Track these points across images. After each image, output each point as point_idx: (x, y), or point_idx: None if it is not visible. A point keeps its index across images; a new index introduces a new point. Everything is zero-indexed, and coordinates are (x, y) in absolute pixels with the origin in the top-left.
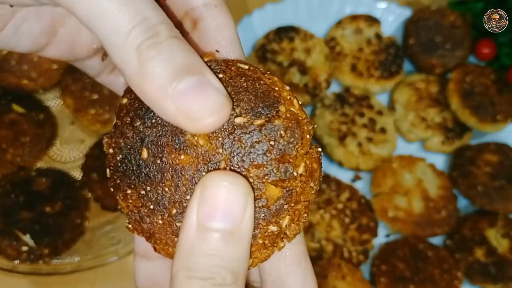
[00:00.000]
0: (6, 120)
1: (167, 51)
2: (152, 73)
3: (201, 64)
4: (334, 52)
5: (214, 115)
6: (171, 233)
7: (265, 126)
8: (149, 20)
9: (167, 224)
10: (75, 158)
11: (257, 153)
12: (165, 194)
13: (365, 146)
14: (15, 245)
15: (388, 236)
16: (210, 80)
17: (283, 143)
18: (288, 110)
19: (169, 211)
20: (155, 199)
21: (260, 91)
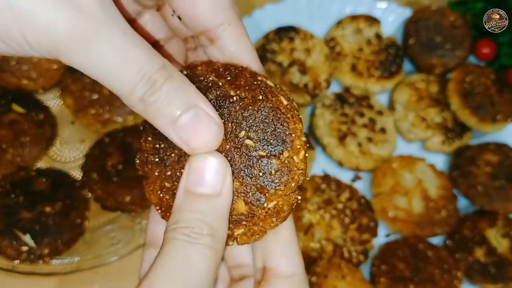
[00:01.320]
0: (6, 120)
1: (164, 95)
2: (155, 115)
3: (195, 97)
4: (334, 52)
5: (208, 147)
6: (158, 187)
7: (263, 159)
8: (148, 72)
9: (159, 179)
10: (75, 158)
11: (246, 173)
12: (170, 157)
13: (365, 146)
14: (15, 245)
15: (388, 236)
16: (203, 110)
17: (269, 179)
18: (291, 157)
19: (165, 171)
20: (162, 155)
21: (279, 128)
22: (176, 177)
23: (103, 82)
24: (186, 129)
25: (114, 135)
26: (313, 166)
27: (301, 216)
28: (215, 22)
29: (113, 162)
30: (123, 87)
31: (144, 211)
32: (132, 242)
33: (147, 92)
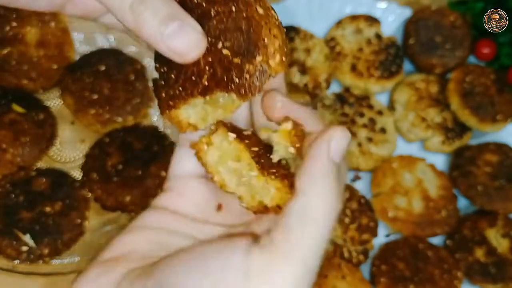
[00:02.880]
0: (6, 120)
1: (152, 5)
2: (144, 24)
3: (178, 10)
4: (334, 52)
5: (194, 51)
6: (166, 105)
7: (239, 66)
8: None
9: (166, 99)
10: (75, 158)
11: (228, 83)
12: (170, 79)
13: (365, 146)
14: (15, 245)
15: (388, 236)
16: (188, 22)
17: (245, 85)
18: (265, 62)
19: (168, 91)
20: (165, 78)
21: (251, 35)
22: (176, 95)
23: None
24: (172, 37)
25: (114, 135)
26: None
27: None
28: None
29: (113, 162)
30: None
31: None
32: None
33: (136, 2)
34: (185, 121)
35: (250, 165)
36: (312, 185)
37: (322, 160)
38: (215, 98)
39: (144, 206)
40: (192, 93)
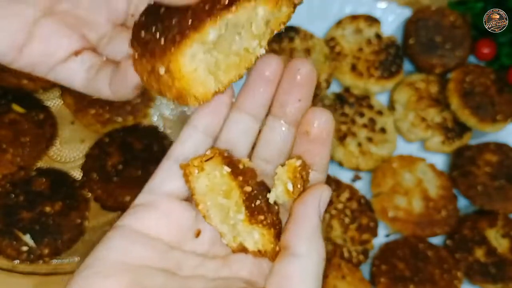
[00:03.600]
0: (6, 120)
1: None
2: None
3: None
4: (334, 52)
5: None
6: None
7: None
8: None
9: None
10: (75, 158)
11: None
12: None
13: (365, 146)
14: (15, 245)
15: (388, 236)
16: None
17: None
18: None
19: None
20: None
21: None
22: (177, 33)
23: None
24: None
25: (114, 135)
26: None
27: None
28: None
29: (113, 162)
30: None
31: None
32: None
33: None
34: (191, 80)
35: (239, 206)
36: (306, 246)
37: (313, 220)
38: (235, 23)
39: None
40: (204, 18)
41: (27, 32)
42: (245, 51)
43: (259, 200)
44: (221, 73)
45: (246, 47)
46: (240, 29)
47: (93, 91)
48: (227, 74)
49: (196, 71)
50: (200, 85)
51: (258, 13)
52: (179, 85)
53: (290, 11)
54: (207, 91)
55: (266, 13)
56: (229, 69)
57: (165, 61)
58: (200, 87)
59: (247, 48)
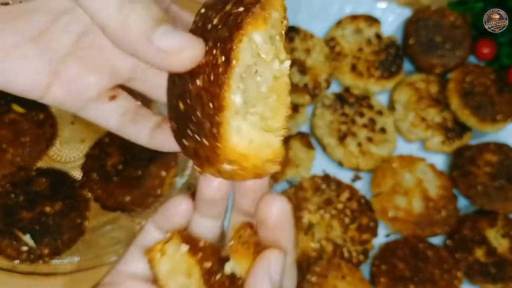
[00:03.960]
0: (6, 120)
1: (143, 5)
2: (133, 23)
3: (164, 16)
4: (334, 52)
5: (188, 50)
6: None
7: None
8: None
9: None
10: (75, 158)
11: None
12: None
13: (365, 146)
14: (15, 245)
15: (388, 236)
16: (176, 27)
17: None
18: None
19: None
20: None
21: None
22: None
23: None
24: (163, 36)
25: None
26: (313, 166)
27: (301, 216)
28: None
29: (113, 162)
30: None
31: (144, 211)
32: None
33: (122, 2)
34: (255, 152)
35: (199, 284)
36: None
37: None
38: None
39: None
40: (220, 92)
41: (52, 72)
42: (274, 80)
43: (220, 274)
44: (271, 121)
45: (273, 75)
46: (253, 68)
47: (128, 137)
48: (277, 115)
49: (252, 141)
50: (265, 148)
51: (257, 41)
52: (250, 165)
53: (280, 3)
54: (275, 147)
55: (262, 35)
56: (275, 109)
57: (223, 159)
58: (266, 149)
59: (274, 76)
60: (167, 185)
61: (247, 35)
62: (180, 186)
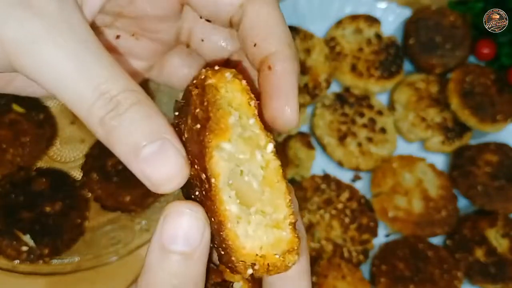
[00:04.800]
0: (6, 120)
1: (128, 121)
2: (116, 142)
3: (161, 127)
4: (334, 52)
5: (172, 183)
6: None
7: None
8: (109, 92)
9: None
10: (75, 158)
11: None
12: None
13: (365, 146)
14: (15, 245)
15: (388, 236)
16: (170, 142)
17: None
18: None
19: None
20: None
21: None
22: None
23: (57, 94)
24: (149, 161)
25: None
26: (313, 166)
27: (301, 216)
28: (235, 2)
29: (113, 162)
30: (78, 103)
31: (144, 211)
32: (132, 242)
33: (109, 115)
34: (270, 249)
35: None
36: None
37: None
38: None
39: (144, 206)
40: (222, 219)
41: None
42: (264, 170)
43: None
44: (275, 214)
45: (260, 167)
46: (237, 170)
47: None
48: (278, 206)
49: (263, 241)
50: (278, 243)
51: (228, 149)
52: (270, 262)
53: (239, 88)
54: (287, 238)
55: (230, 142)
56: (274, 202)
57: (244, 266)
58: (280, 244)
59: (262, 167)
60: None
61: (216, 148)
62: None
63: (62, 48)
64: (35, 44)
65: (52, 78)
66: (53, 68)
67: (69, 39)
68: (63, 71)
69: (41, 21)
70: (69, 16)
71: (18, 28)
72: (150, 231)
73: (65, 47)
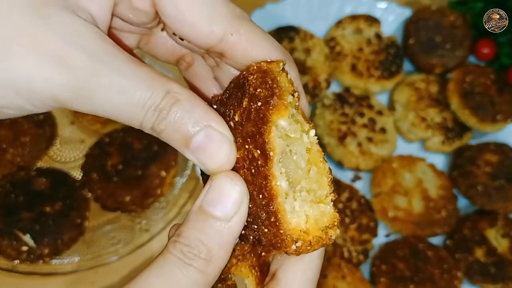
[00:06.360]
0: (6, 120)
1: (173, 121)
2: (168, 139)
3: (205, 116)
4: (334, 52)
5: (223, 166)
6: None
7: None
8: (153, 104)
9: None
10: (75, 158)
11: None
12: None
13: (365, 146)
14: (15, 245)
15: (388, 236)
16: (214, 129)
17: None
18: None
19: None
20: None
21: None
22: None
23: (114, 119)
24: (199, 150)
25: (114, 135)
26: None
27: None
28: (215, 36)
29: (113, 162)
30: (133, 121)
31: (144, 211)
32: (132, 242)
33: (156, 122)
34: (314, 224)
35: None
36: None
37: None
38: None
39: (144, 206)
40: (272, 194)
41: None
42: (308, 152)
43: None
44: (319, 191)
45: (306, 149)
46: (287, 149)
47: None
48: (322, 184)
49: (308, 216)
50: (321, 218)
51: (283, 126)
52: (313, 237)
53: (287, 80)
54: (330, 213)
55: (286, 119)
56: (319, 180)
57: (290, 242)
58: (323, 219)
59: (307, 149)
60: (167, 185)
61: (274, 125)
62: (180, 186)
63: (107, 87)
64: (86, 92)
65: (107, 111)
66: (106, 105)
67: (110, 76)
68: (115, 105)
69: (79, 72)
70: (99, 54)
71: (65, 83)
72: (150, 231)
73: (110, 84)
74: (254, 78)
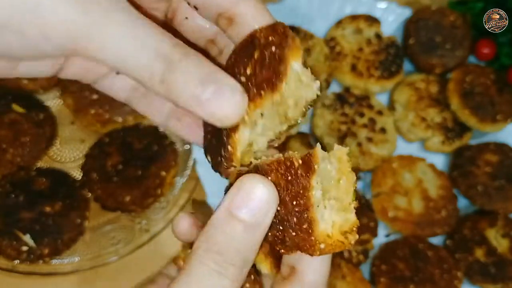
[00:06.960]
0: (6, 120)
1: (183, 71)
2: (178, 95)
3: (213, 71)
4: (334, 52)
5: (234, 115)
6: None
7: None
8: (163, 52)
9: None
10: (75, 158)
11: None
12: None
13: (365, 146)
14: (15, 245)
15: (388, 236)
16: (224, 83)
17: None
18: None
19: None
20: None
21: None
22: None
23: (123, 70)
24: (210, 103)
25: (114, 135)
26: None
27: None
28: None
29: (113, 162)
30: (142, 71)
31: (144, 211)
32: (132, 242)
33: (166, 71)
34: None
35: None
36: None
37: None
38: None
39: (144, 206)
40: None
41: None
42: (339, 162)
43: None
44: (345, 199)
45: (337, 158)
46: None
47: (142, 112)
48: (348, 194)
49: (334, 223)
50: (344, 224)
51: (294, 68)
52: (335, 240)
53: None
54: (352, 220)
55: (299, 65)
56: (346, 189)
57: (317, 247)
58: (346, 225)
59: (338, 158)
60: (167, 185)
61: (289, 66)
62: (180, 186)
63: (121, 28)
64: (102, 28)
65: (119, 57)
66: (119, 47)
67: (124, 17)
68: (127, 49)
69: (99, 8)
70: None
71: (84, 18)
72: (150, 231)
73: (123, 25)
74: (264, 30)
